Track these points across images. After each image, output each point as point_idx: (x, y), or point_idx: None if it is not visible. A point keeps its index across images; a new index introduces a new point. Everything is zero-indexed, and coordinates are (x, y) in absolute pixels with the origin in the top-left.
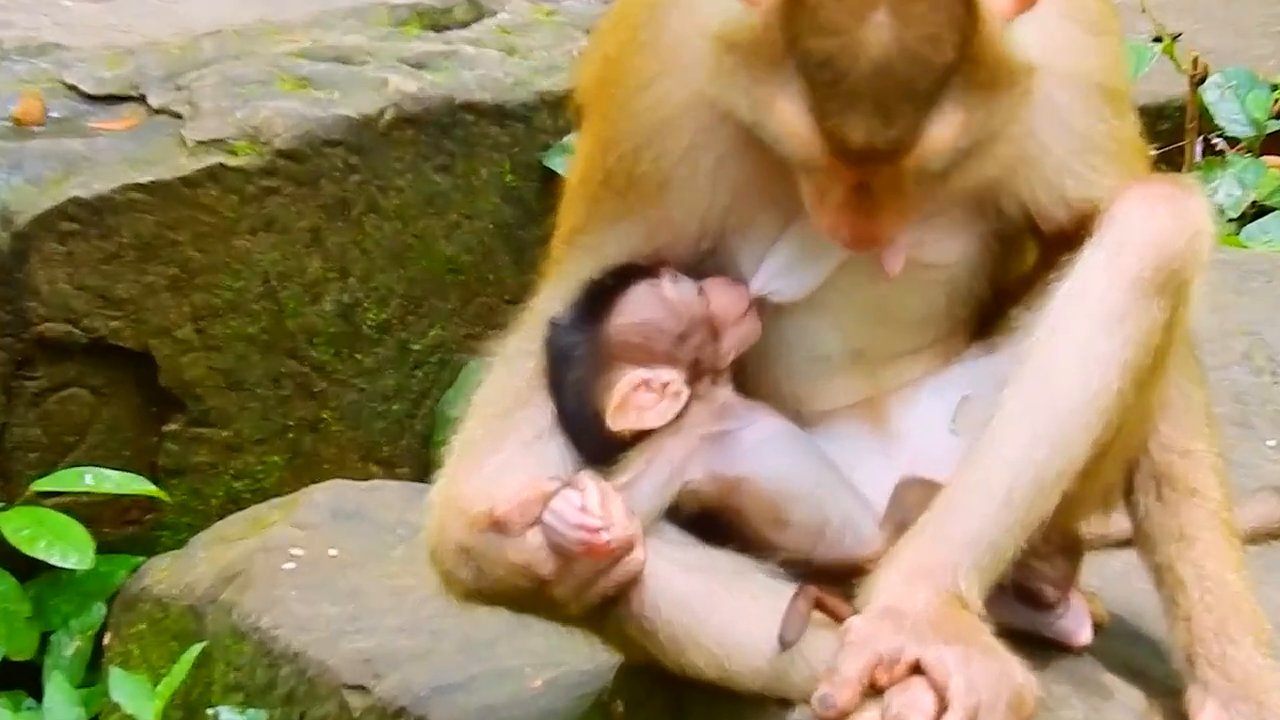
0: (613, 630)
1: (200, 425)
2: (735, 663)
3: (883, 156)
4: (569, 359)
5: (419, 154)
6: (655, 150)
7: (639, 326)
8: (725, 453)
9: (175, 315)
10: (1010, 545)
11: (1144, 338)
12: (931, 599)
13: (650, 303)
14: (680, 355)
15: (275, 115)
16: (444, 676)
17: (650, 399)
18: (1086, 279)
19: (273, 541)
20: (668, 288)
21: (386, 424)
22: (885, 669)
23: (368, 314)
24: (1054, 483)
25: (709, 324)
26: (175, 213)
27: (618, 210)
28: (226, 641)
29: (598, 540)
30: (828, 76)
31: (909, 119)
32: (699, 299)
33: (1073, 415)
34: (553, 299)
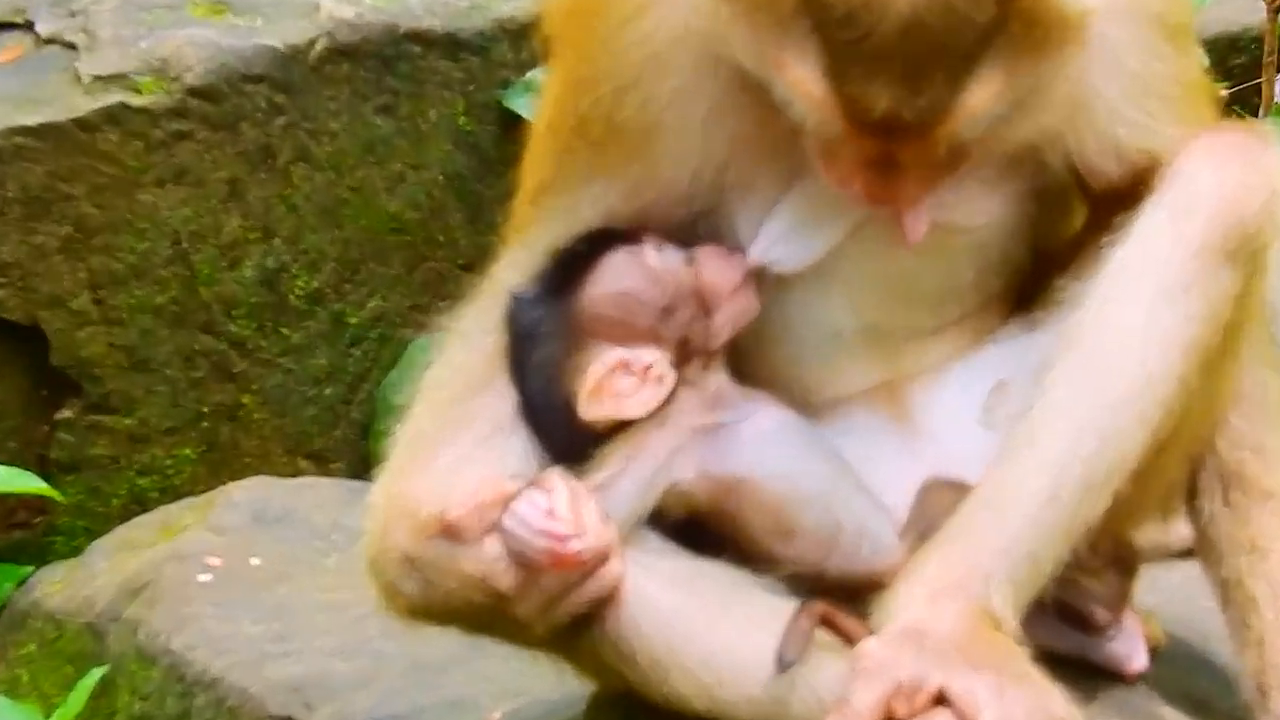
0: (584, 654)
1: (99, 412)
2: (727, 691)
3: (910, 128)
4: (534, 337)
5: (356, 92)
6: (641, 93)
7: (616, 298)
8: (720, 449)
9: (69, 283)
10: (1052, 556)
11: (1212, 313)
12: (959, 618)
13: (630, 271)
14: (665, 333)
15: (186, 46)
16: (387, 706)
17: (630, 384)
18: (1145, 244)
19: (185, 549)
20: (650, 255)
21: (318, 411)
22: (905, 699)
23: (296, 281)
24: (1104, 483)
25: (698, 297)
26: (69, 161)
27: (593, 164)
28: (131, 665)
29: (566, 550)
30: (848, 35)
31: (942, 86)
32: (687, 268)
33: (1127, 404)
34: (516, 268)
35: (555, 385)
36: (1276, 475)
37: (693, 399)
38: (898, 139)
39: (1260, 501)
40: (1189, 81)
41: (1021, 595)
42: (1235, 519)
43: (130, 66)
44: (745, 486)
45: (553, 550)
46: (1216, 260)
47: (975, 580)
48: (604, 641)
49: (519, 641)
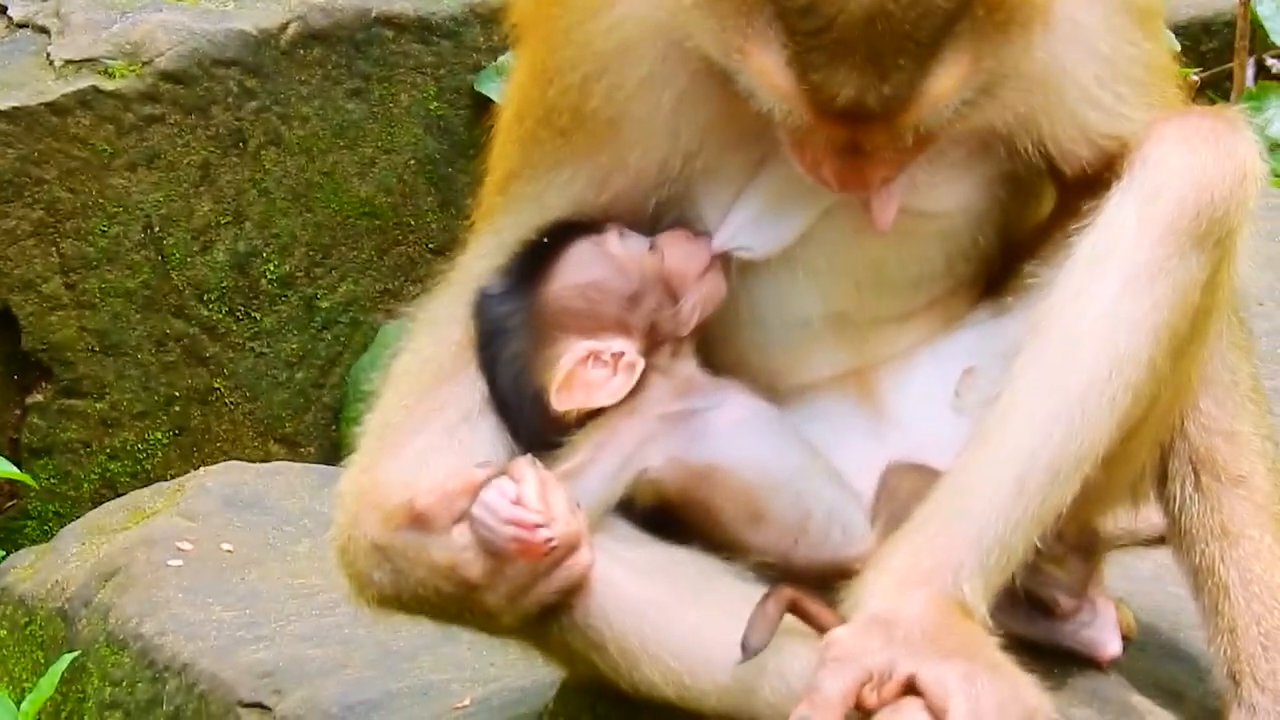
0: (554, 642)
1: (70, 396)
2: (697, 679)
3: (875, 116)
4: (503, 331)
5: (327, 76)
6: (607, 83)
7: (582, 289)
8: (690, 436)
9: (41, 266)
10: (1021, 543)
11: (1181, 298)
12: (929, 606)
13: (594, 261)
14: (633, 321)
15: (158, 30)
16: (357, 693)
17: (600, 374)
18: (1114, 229)
19: (156, 534)
20: (614, 244)
21: (289, 395)
22: (874, 688)
23: (267, 265)
24: (1073, 469)
25: (664, 284)
26: (40, 145)
27: (560, 153)
28: (102, 651)
29: (534, 538)
30: (811, 25)
31: (906, 73)
32: (651, 255)
33: (1095, 391)
34: (483, 257)
35: (526, 379)
36: (1247, 460)
37: (663, 386)
38: (863, 126)
39: (1230, 487)
40: (1158, 66)
41: (991, 583)
42: (1206, 505)
43: (102, 50)
44: (715, 474)
45: (520, 538)
46: (1185, 245)
47: (944, 569)
48: (574, 630)
49: (488, 631)
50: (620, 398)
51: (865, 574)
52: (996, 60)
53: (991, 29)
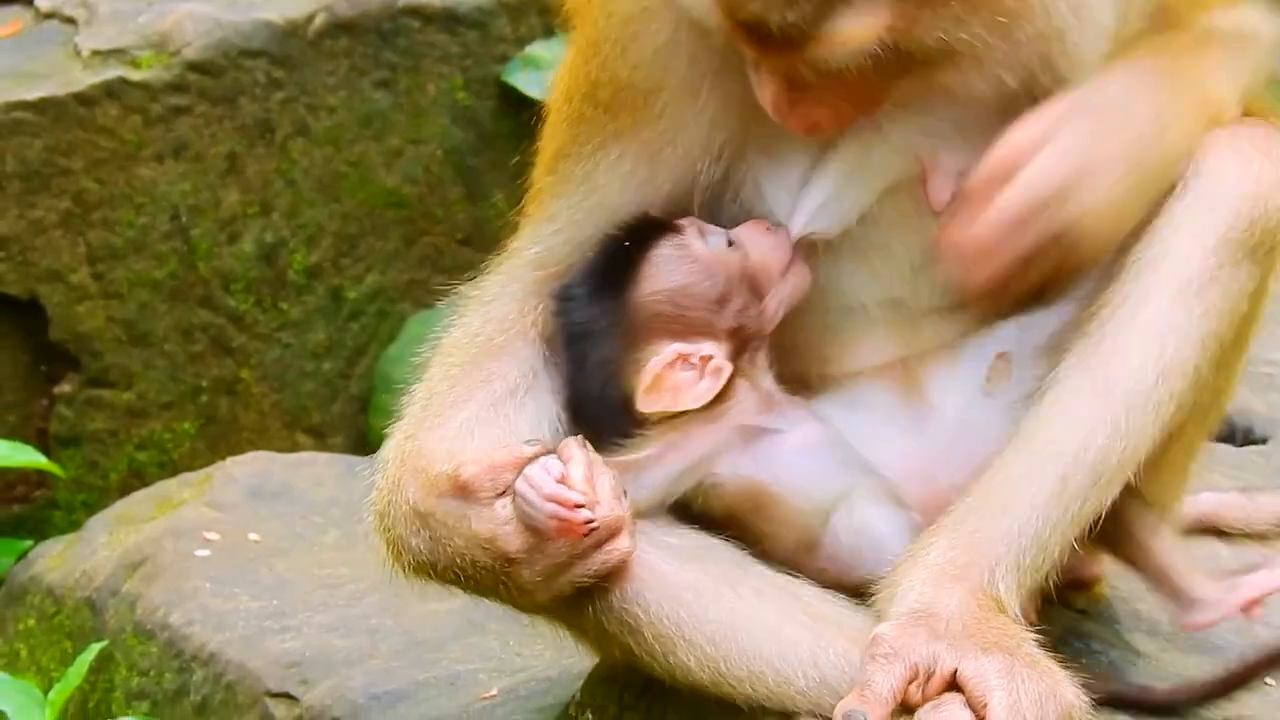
0: (589, 624)
1: (98, 386)
2: (732, 666)
3: (780, 42)
4: (590, 335)
5: (354, 67)
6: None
7: (671, 295)
8: (756, 453)
9: (68, 257)
10: (1058, 544)
11: (1229, 307)
12: (967, 600)
13: (680, 264)
14: (720, 323)
15: (185, 20)
16: (384, 683)
17: (687, 376)
18: (1167, 237)
19: (183, 524)
20: (696, 245)
21: (316, 386)
22: (919, 684)
23: (294, 256)
24: (1115, 473)
25: (749, 282)
26: (68, 136)
27: (606, 130)
28: (130, 641)
29: (574, 517)
30: None
31: (810, 6)
32: (733, 252)
33: (1141, 395)
34: (536, 241)
35: (613, 382)
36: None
37: (749, 399)
38: (770, 49)
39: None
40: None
41: (1025, 581)
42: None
43: (129, 41)
44: (768, 493)
45: (559, 515)
46: (1237, 255)
47: (981, 565)
48: (609, 613)
49: (520, 606)
50: (705, 402)
51: (901, 566)
52: (918, 25)
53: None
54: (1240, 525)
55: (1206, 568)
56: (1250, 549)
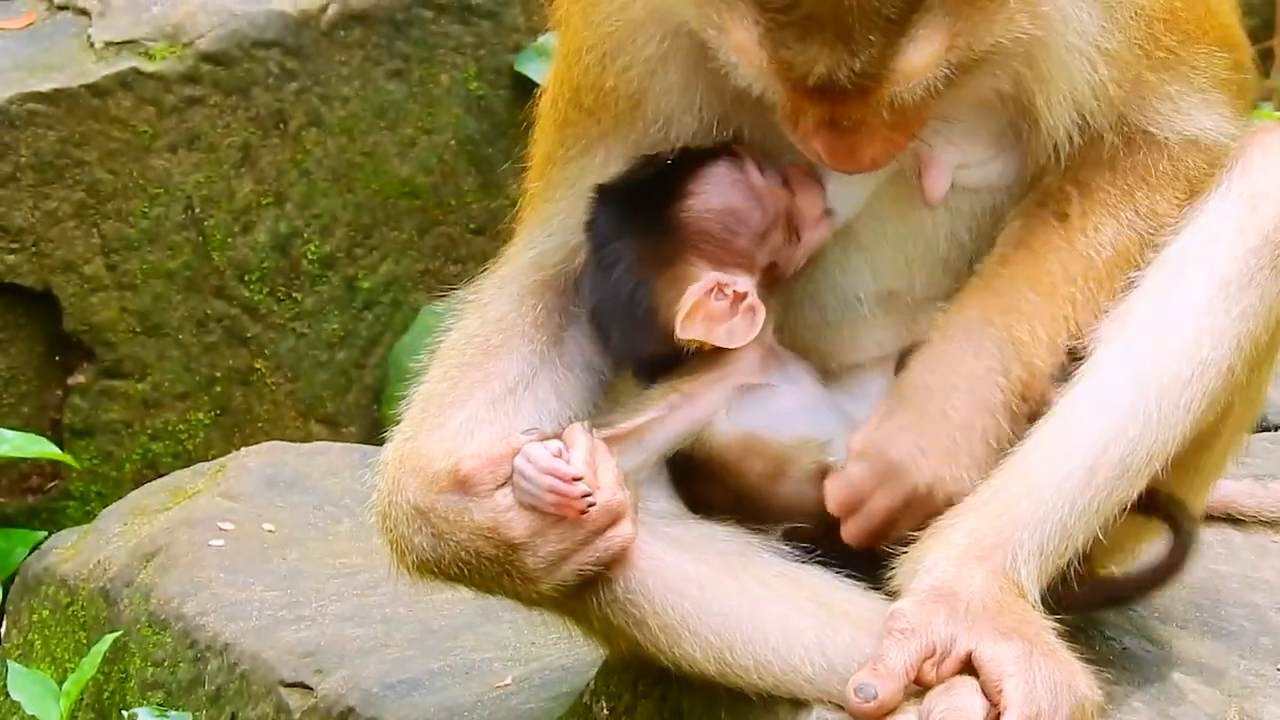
0: (594, 617)
1: (112, 377)
2: (738, 655)
3: (847, 93)
4: (624, 239)
5: (368, 57)
6: (622, 61)
7: (722, 215)
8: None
9: (82, 248)
10: (1082, 532)
11: (1267, 309)
12: (988, 582)
13: (736, 188)
14: (758, 257)
15: (198, 11)
16: (399, 672)
17: (721, 308)
18: (1209, 234)
19: (197, 514)
20: (753, 171)
21: (330, 376)
22: (935, 663)
23: (308, 246)
24: (1142, 466)
25: (790, 221)
26: (81, 127)
27: (591, 134)
28: (144, 631)
29: (571, 490)
30: (781, 1)
31: (877, 49)
32: (784, 190)
33: (1175, 391)
34: (530, 244)
35: (642, 293)
36: None
37: (752, 355)
38: (838, 102)
39: None
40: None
41: (1048, 568)
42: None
43: (142, 32)
44: (760, 440)
45: (556, 489)
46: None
47: (1004, 547)
48: (614, 605)
49: (525, 599)
50: (742, 343)
51: (924, 541)
52: (973, 36)
53: (964, 4)
54: (1253, 512)
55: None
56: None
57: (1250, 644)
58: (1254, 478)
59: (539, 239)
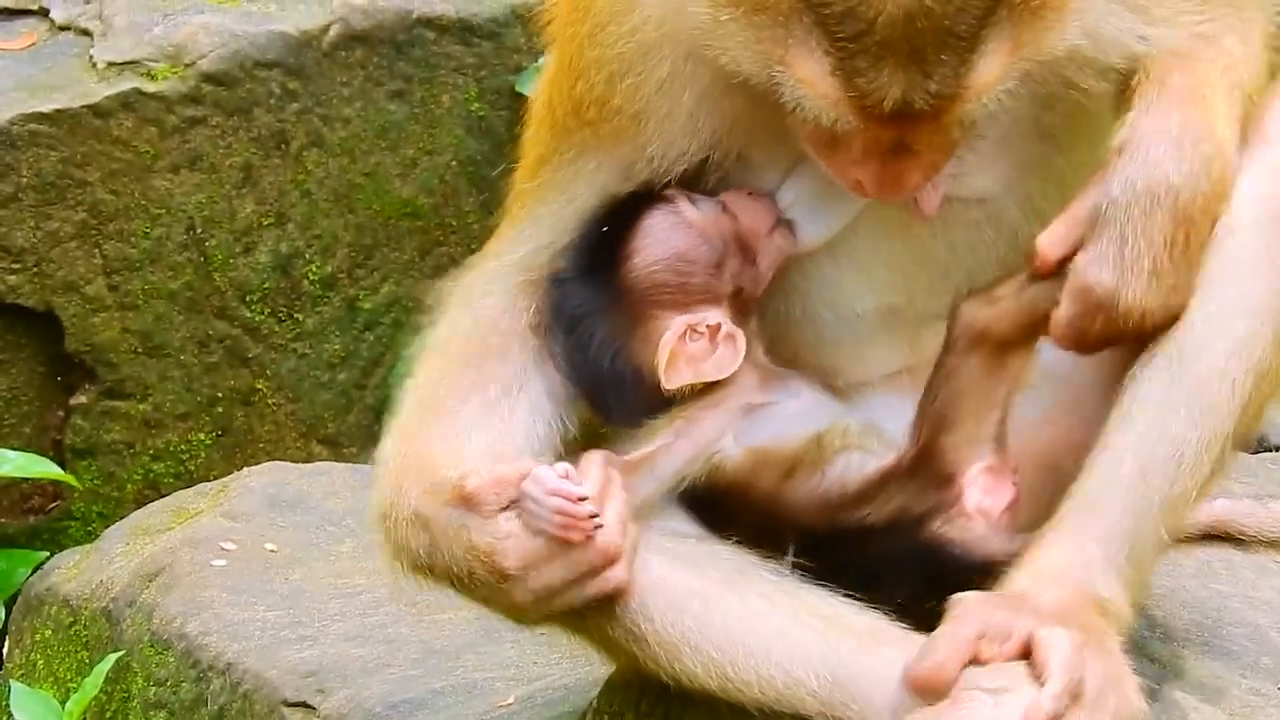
0: (594, 632)
1: (114, 397)
2: (740, 671)
3: (922, 114)
4: (589, 315)
5: (369, 78)
6: (630, 82)
7: (668, 262)
8: (756, 423)
9: (84, 268)
10: (1153, 533)
11: None
12: (1064, 593)
13: (675, 231)
14: (720, 288)
15: (200, 32)
16: (401, 692)
17: (700, 347)
18: (1238, 207)
19: (200, 534)
20: (688, 210)
21: (331, 396)
22: (991, 642)
23: (309, 266)
24: (1198, 454)
25: (740, 244)
26: (83, 147)
27: (588, 142)
28: (146, 651)
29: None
30: (851, 29)
31: (950, 68)
32: (724, 216)
33: (1214, 376)
34: (519, 243)
35: (622, 360)
36: None
37: (749, 376)
38: (910, 125)
39: None
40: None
41: (1129, 576)
42: None
43: (144, 53)
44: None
45: (564, 510)
46: None
47: (1078, 566)
48: (614, 621)
49: (514, 620)
50: (729, 372)
51: (1010, 572)
52: (1035, 46)
53: (1028, 14)
54: (1254, 532)
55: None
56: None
57: (1251, 663)
58: (1255, 497)
59: (527, 237)
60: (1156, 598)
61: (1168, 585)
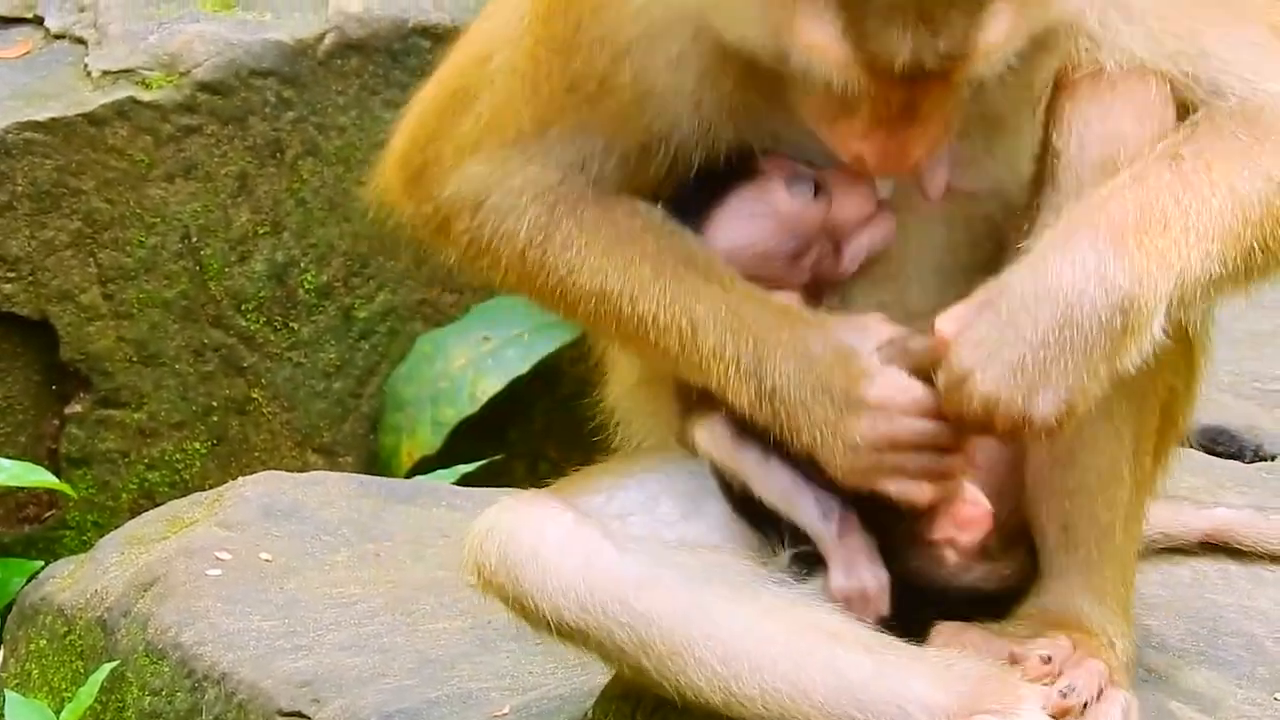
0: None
1: (109, 406)
2: (744, 685)
3: (933, 74)
4: None
5: (364, 86)
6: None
7: (745, 250)
8: None
9: (79, 277)
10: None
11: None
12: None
13: (757, 220)
14: (795, 275)
15: (195, 40)
16: (396, 701)
17: None
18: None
19: (195, 543)
20: (780, 197)
21: (327, 405)
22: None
23: (304, 275)
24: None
25: (830, 233)
26: (78, 156)
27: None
28: (141, 660)
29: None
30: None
31: (960, 27)
32: (817, 204)
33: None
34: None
35: None
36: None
37: None
38: (919, 88)
39: None
40: None
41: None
42: None
43: (139, 61)
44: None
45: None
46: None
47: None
48: (619, 629)
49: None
50: None
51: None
52: (1043, 5)
53: None
54: (1253, 544)
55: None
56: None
57: (1247, 673)
58: (1255, 508)
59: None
60: (1152, 608)
61: (1163, 595)
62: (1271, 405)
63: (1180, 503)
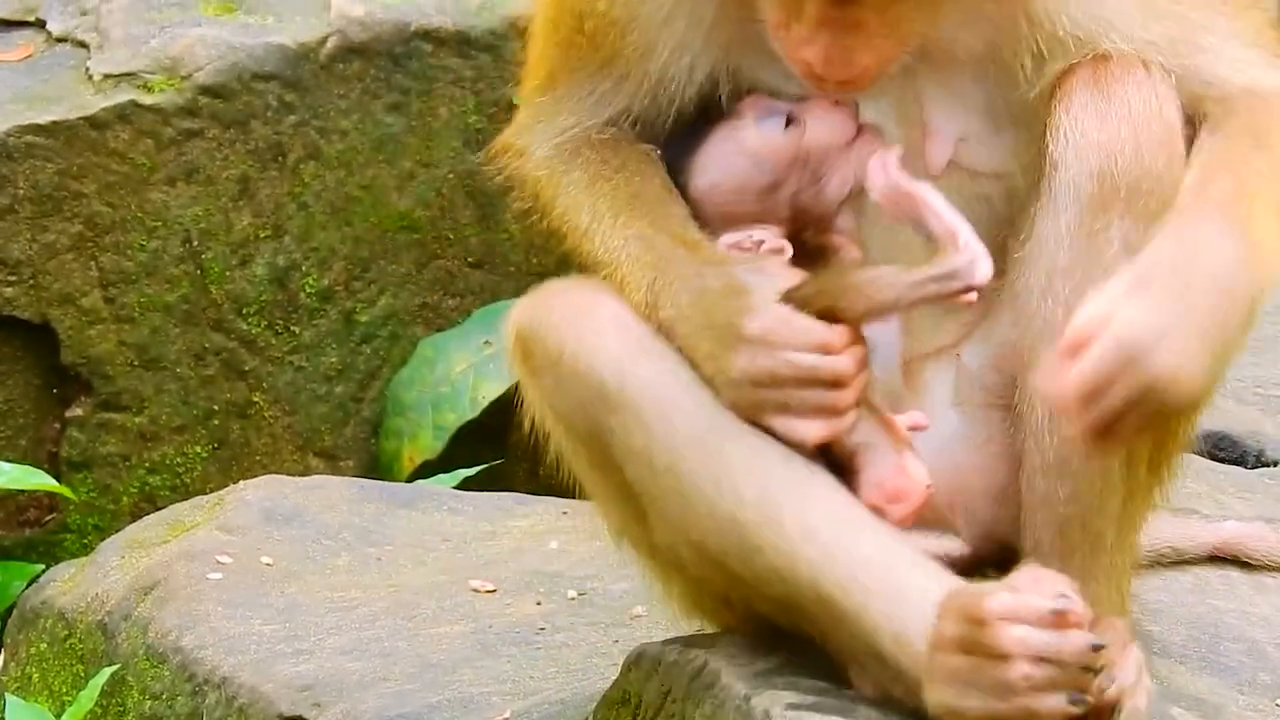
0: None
1: (109, 410)
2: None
3: None
4: None
5: (366, 90)
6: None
7: (715, 189)
8: None
9: (80, 280)
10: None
11: None
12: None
13: (726, 157)
14: (772, 208)
15: (197, 44)
16: (397, 706)
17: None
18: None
19: (196, 547)
20: (749, 133)
21: (328, 409)
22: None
23: (306, 279)
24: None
25: (804, 162)
26: (80, 159)
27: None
28: (142, 664)
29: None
30: None
31: None
32: (788, 135)
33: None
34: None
35: None
36: None
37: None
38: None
39: None
40: None
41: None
42: None
43: (141, 65)
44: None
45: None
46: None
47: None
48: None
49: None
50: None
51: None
52: None
53: None
54: (1262, 556)
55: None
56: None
57: (1249, 679)
58: (1257, 514)
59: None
60: (1154, 613)
61: (1165, 601)
62: (1273, 411)
63: (1189, 516)
